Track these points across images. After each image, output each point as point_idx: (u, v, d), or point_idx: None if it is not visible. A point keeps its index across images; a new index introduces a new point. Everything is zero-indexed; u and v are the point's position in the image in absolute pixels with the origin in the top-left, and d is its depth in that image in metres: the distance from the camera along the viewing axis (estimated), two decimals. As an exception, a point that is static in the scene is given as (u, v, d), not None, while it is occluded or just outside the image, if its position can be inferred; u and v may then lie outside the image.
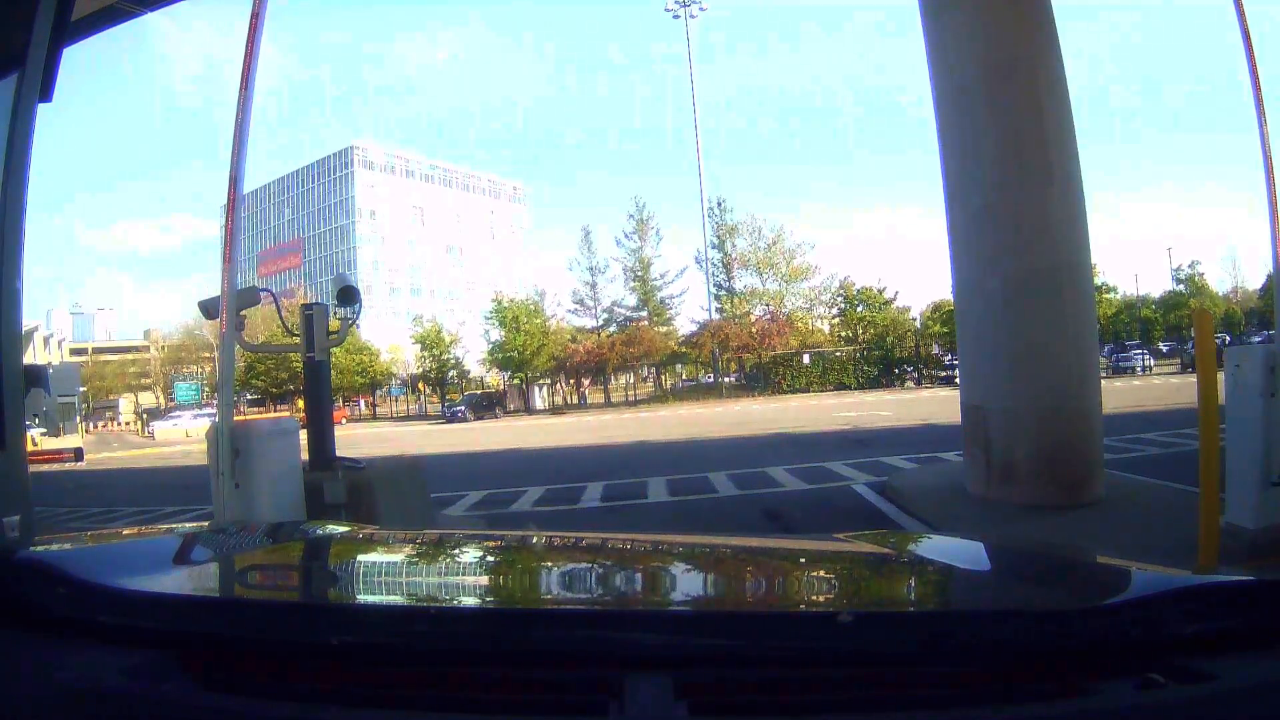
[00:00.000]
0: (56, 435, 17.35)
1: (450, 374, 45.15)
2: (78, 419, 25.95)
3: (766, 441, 14.06)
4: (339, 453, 5.00)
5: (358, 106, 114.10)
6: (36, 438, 14.83)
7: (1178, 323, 44.07)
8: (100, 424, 51.18)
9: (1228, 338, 36.39)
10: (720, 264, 43.06)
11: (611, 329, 43.04)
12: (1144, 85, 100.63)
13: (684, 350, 41.63)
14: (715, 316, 41.68)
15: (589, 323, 44.49)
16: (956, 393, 7.49)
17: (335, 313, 5.61)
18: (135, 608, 0.88)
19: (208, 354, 51.64)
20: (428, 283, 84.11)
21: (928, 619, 0.96)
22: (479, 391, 44.21)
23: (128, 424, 51.26)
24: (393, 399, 51.21)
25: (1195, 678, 0.72)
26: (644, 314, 43.28)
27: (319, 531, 1.70)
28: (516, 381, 42.28)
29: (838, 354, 38.88)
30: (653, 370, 44.16)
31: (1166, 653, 0.75)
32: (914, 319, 41.54)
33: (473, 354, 46.63)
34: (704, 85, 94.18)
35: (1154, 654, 0.75)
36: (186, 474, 12.56)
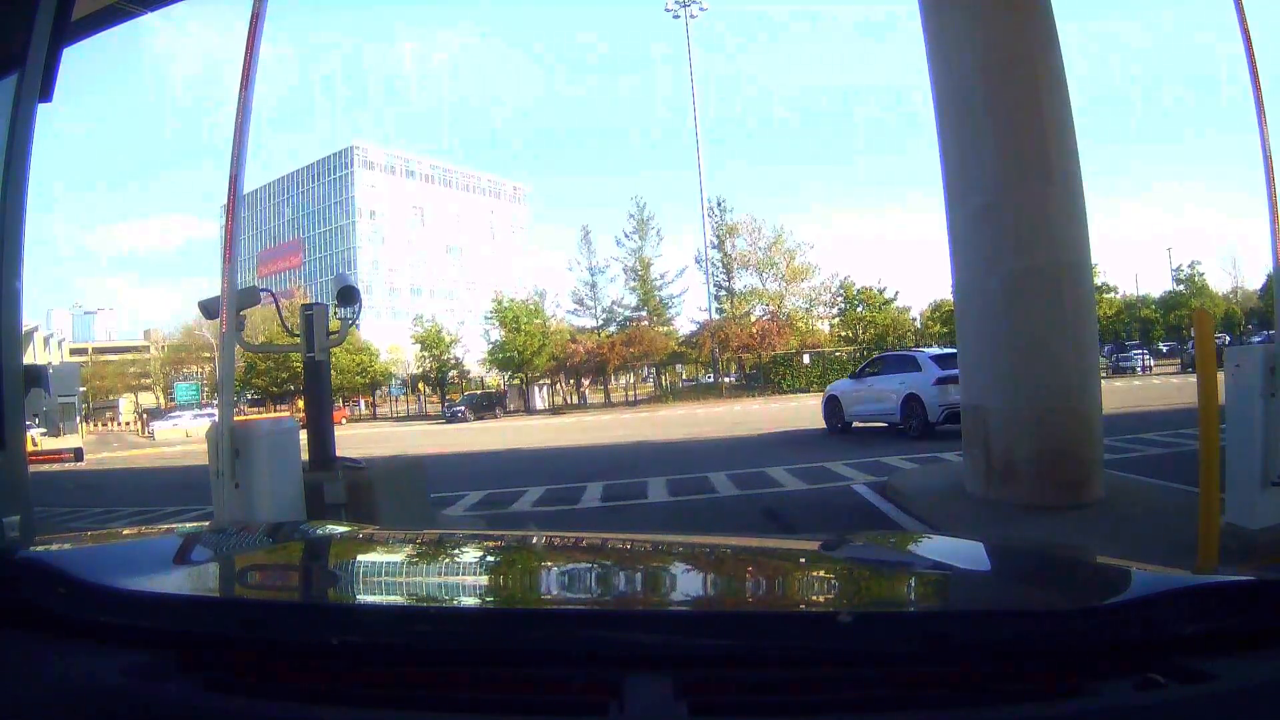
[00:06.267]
0: (56, 435, 17.36)
1: (450, 374, 45.16)
2: (78, 419, 25.94)
3: (766, 441, 14.07)
4: (339, 453, 5.01)
5: (358, 106, 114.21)
6: (36, 438, 14.84)
7: (1178, 323, 44.06)
8: (100, 424, 51.14)
9: (1228, 338, 36.42)
10: (720, 264, 43.09)
11: (611, 329, 43.06)
12: (1145, 84, 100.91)
13: (684, 350, 41.66)
14: (715, 316, 41.70)
15: (589, 323, 44.58)
16: (956, 393, 7.48)
17: (335, 313, 5.61)
18: (135, 608, 0.88)
19: (208, 354, 51.60)
20: (428, 283, 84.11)
21: (928, 619, 0.95)
22: (479, 391, 44.22)
23: (128, 424, 51.23)
24: (393, 399, 51.20)
25: (1195, 678, 0.71)
26: (644, 314, 43.30)
27: (319, 531, 1.71)
28: (516, 381, 42.28)
29: (838, 354, 38.83)
30: (653, 370, 44.13)
31: (1166, 653, 0.75)
32: (914, 319, 41.54)
33: (473, 354, 46.74)
34: (705, 85, 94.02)
35: (1154, 654, 0.75)
36: (186, 474, 12.55)
